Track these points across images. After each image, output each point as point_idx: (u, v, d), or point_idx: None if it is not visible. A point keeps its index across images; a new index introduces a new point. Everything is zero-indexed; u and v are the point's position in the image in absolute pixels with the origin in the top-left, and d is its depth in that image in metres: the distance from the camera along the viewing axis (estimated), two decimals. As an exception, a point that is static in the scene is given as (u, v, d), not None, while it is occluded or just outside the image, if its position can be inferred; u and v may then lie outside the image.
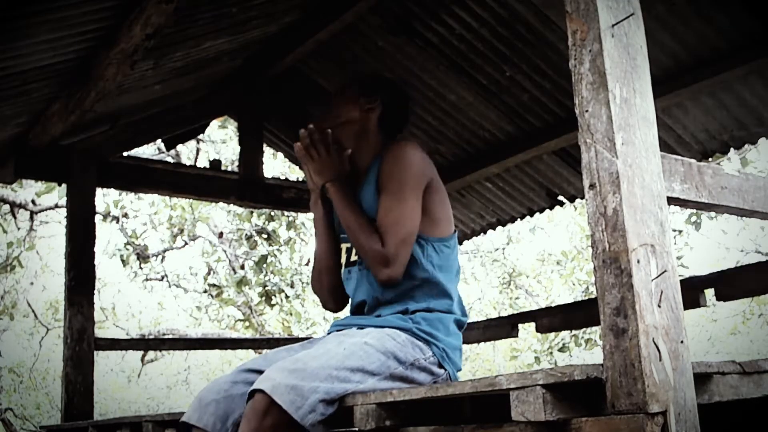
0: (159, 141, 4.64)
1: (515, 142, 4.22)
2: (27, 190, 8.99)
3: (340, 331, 2.18)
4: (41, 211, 9.15)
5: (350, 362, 1.90)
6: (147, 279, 10.42)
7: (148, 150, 8.14)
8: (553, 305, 5.40)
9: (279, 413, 1.78)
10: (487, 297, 12.59)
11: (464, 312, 2.21)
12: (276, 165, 9.62)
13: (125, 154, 4.16)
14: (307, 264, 9.11)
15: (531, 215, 4.79)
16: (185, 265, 10.83)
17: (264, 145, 4.61)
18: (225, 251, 9.60)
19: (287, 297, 8.83)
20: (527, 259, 12.60)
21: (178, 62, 3.30)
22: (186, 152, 9.41)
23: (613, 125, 1.39)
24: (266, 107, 4.51)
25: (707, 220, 8.94)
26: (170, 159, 8.58)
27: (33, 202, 8.95)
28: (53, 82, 2.99)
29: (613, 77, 1.41)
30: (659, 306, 1.34)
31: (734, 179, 1.64)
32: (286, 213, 8.28)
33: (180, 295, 11.37)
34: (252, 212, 8.45)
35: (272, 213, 8.37)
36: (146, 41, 2.58)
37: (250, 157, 4.44)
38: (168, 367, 14.36)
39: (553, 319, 4.29)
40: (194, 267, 10.64)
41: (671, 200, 1.50)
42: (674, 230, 8.99)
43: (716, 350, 12.78)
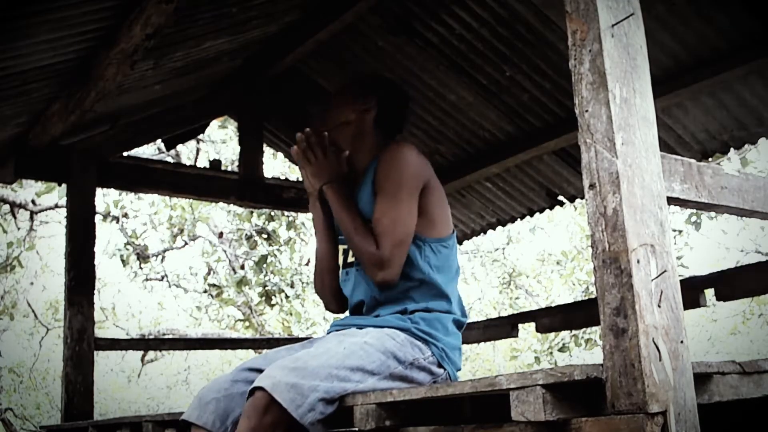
0: (159, 141, 4.64)
1: (515, 142, 4.22)
2: (27, 190, 8.99)
3: (340, 331, 2.18)
4: (41, 211, 9.15)
5: (350, 361, 1.90)
6: (147, 279, 10.42)
7: (148, 150, 8.15)
8: (553, 305, 5.40)
9: (279, 411, 1.78)
10: (487, 297, 12.59)
11: (464, 312, 2.20)
12: (276, 165, 9.62)
13: (125, 154, 4.16)
14: (307, 264, 9.11)
15: (531, 215, 4.79)
16: (185, 265, 10.84)
17: (264, 145, 4.61)
18: (225, 251, 9.60)
19: (287, 297, 8.83)
20: (527, 259, 12.61)
21: (178, 62, 3.30)
22: (186, 152, 9.41)
23: (613, 125, 1.39)
24: (266, 107, 4.51)
25: (707, 220, 8.94)
26: (170, 159, 8.58)
27: (33, 202, 8.95)
28: (53, 82, 2.99)
29: (613, 77, 1.41)
30: (659, 306, 1.34)
31: (734, 179, 1.64)
32: (286, 213, 8.28)
33: (180, 295, 11.38)
34: (252, 212, 8.45)
35: (272, 213, 8.37)
36: (146, 41, 2.58)
37: (250, 157, 4.44)
38: (168, 367, 14.36)
39: (553, 319, 4.29)
40: (194, 267, 10.64)
41: (671, 200, 1.50)
42: (674, 230, 8.98)
43: (716, 350, 12.78)
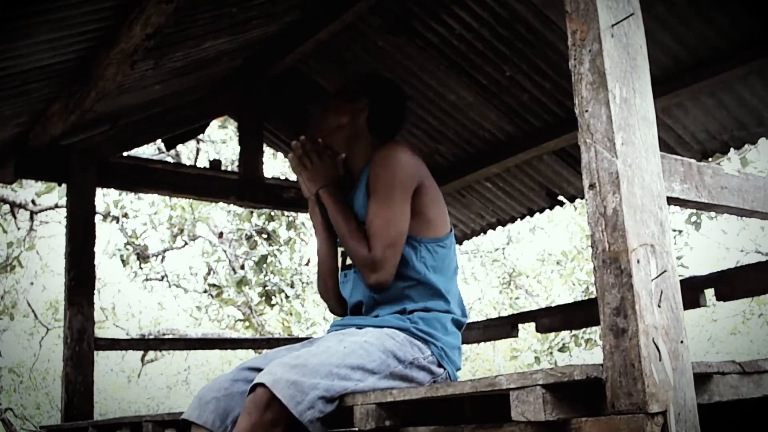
0: (159, 141, 4.63)
1: (515, 142, 4.22)
2: (27, 190, 8.99)
3: (339, 331, 2.19)
4: (41, 211, 9.14)
5: (350, 360, 1.91)
6: (147, 279, 10.42)
7: (148, 150, 8.14)
8: (553, 305, 5.40)
9: (279, 408, 1.78)
10: (487, 297, 12.59)
11: (464, 311, 2.20)
12: (276, 165, 9.62)
13: (125, 154, 4.16)
14: (307, 264, 9.11)
15: (531, 215, 4.79)
16: (185, 265, 10.84)
17: (264, 145, 4.61)
18: (225, 251, 9.60)
19: (287, 297, 8.83)
20: (527, 259, 12.61)
21: (178, 62, 3.30)
22: (186, 152, 9.41)
23: (613, 125, 1.39)
24: (266, 107, 4.51)
25: (707, 220, 8.94)
26: (170, 159, 8.58)
27: (33, 202, 8.95)
28: (53, 82, 2.99)
29: (613, 77, 1.41)
30: (659, 306, 1.34)
31: (734, 179, 1.64)
32: (286, 213, 8.28)
33: (180, 295, 11.38)
34: (252, 212, 8.45)
35: (272, 213, 8.37)
36: (146, 41, 2.58)
37: (250, 157, 4.44)
38: (168, 367, 14.36)
39: (553, 319, 4.29)
40: (194, 267, 10.64)
41: (671, 200, 1.50)
42: (674, 230, 8.98)
43: (716, 350, 12.78)
